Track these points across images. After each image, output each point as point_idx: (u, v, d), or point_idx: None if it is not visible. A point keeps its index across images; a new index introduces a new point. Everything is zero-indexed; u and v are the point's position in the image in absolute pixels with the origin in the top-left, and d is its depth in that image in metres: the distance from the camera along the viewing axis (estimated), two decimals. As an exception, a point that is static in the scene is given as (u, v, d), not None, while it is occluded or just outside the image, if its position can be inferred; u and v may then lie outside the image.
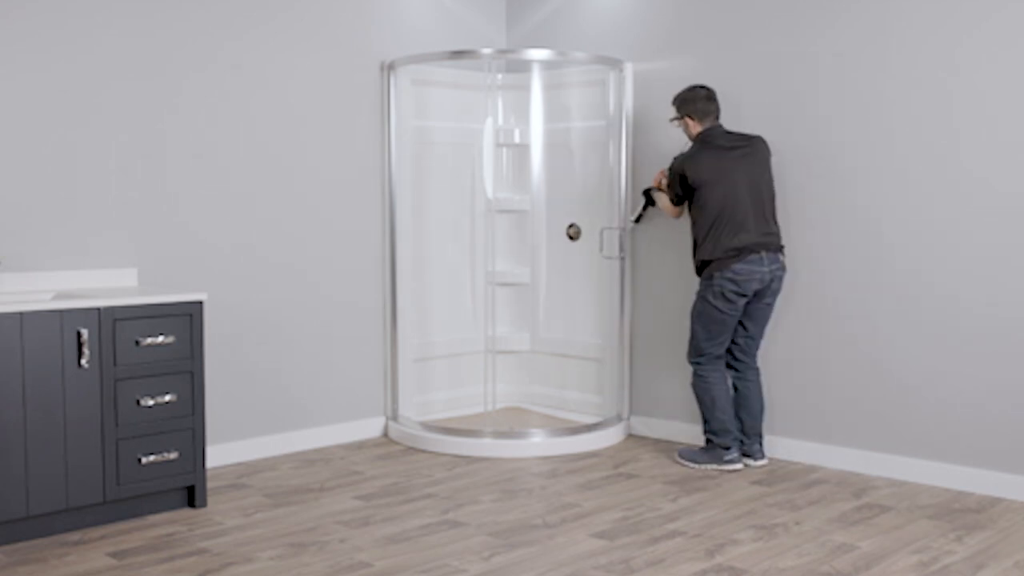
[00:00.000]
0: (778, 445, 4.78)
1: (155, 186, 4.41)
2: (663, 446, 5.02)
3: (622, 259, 5.25)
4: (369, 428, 5.23)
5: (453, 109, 5.57)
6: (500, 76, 5.73)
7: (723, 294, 4.46)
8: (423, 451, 4.93)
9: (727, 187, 4.46)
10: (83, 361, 3.66)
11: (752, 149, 4.53)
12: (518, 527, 3.75)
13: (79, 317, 3.66)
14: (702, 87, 4.60)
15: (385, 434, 5.28)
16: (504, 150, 5.76)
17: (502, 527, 3.75)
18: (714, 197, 4.47)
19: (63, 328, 3.62)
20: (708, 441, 4.61)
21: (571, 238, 5.51)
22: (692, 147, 4.59)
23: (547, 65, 5.61)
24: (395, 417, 5.27)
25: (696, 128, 4.61)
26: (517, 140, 5.69)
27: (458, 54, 4.98)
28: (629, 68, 5.23)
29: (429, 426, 5.01)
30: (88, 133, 4.20)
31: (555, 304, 5.65)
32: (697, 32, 4.98)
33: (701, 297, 4.55)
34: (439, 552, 3.47)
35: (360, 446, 5.04)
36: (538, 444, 4.85)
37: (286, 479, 4.42)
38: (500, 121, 5.73)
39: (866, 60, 4.43)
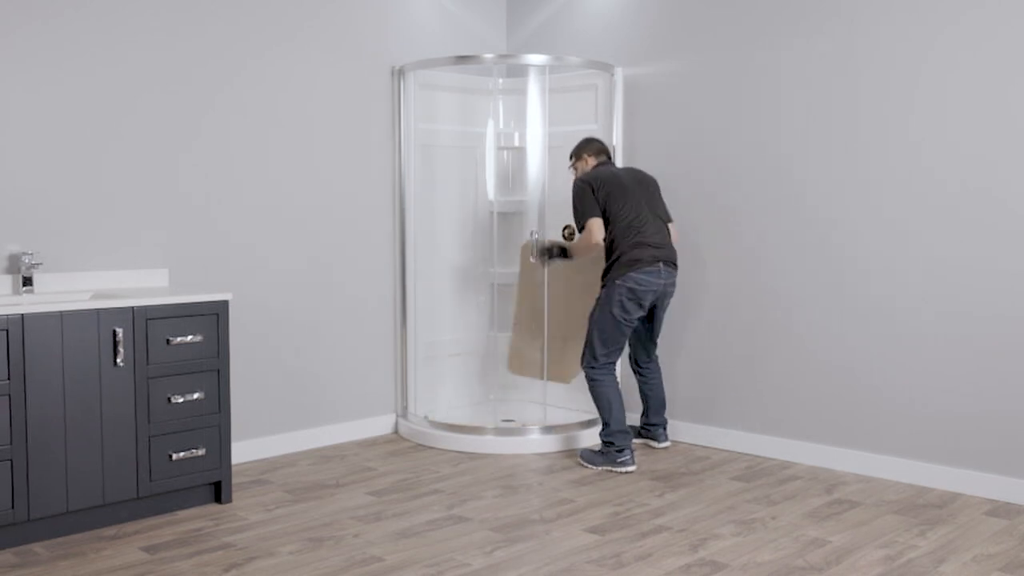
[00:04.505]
0: (756, 441, 4.80)
1: (184, 191, 4.38)
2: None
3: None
4: (381, 425, 5.22)
5: (457, 113, 5.50)
6: (501, 81, 5.65)
7: (621, 302, 4.47)
8: (430, 448, 4.94)
9: (630, 202, 4.54)
10: (119, 359, 3.61)
11: (644, 178, 4.67)
12: (517, 522, 3.75)
13: (115, 316, 3.59)
14: (597, 139, 4.79)
15: (396, 431, 5.28)
16: (505, 153, 5.71)
17: (503, 522, 3.75)
18: (622, 210, 4.53)
19: (100, 327, 3.56)
20: (604, 443, 4.56)
21: (566, 239, 5.48)
22: (590, 171, 4.70)
23: (543, 69, 5.52)
24: (404, 414, 5.27)
25: (591, 162, 4.74)
26: (516, 143, 5.64)
27: (463, 59, 4.92)
28: (619, 72, 5.19)
29: (435, 424, 5.00)
30: (122, 143, 4.17)
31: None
32: (689, 37, 4.96)
33: (600, 305, 4.53)
34: (445, 547, 3.47)
35: (373, 443, 5.03)
36: (536, 441, 4.85)
37: (304, 475, 4.42)
38: (500, 124, 5.67)
39: (841, 64, 4.42)
